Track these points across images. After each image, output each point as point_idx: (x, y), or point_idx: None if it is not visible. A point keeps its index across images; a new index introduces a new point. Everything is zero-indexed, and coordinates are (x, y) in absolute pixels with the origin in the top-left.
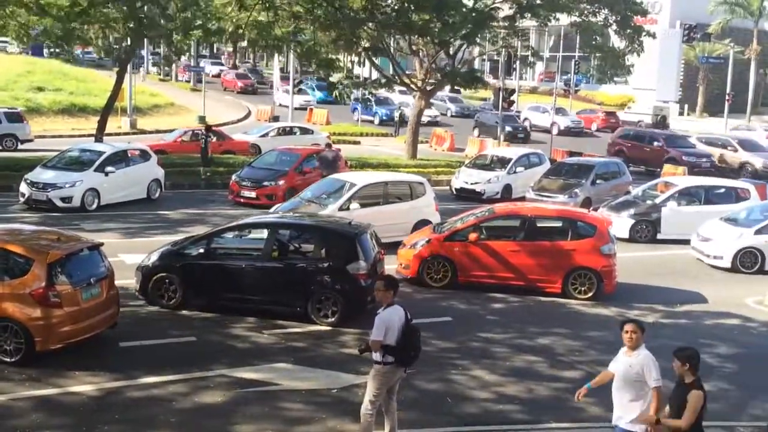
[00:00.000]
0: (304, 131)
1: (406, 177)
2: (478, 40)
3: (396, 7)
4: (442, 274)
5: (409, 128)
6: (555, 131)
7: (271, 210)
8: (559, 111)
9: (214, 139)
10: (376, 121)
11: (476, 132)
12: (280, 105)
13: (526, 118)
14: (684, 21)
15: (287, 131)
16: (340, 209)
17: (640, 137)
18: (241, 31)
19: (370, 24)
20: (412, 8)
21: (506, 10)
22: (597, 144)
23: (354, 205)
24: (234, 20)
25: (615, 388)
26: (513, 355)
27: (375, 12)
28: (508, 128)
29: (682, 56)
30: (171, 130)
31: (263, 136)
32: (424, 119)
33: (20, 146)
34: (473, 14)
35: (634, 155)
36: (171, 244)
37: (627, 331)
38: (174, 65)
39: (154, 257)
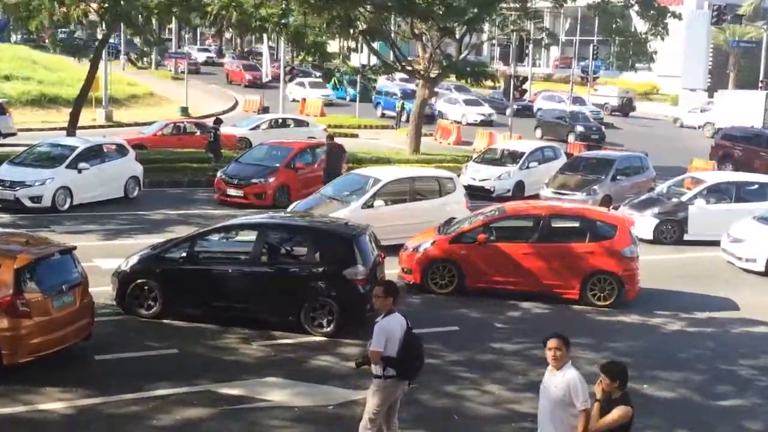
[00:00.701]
0: (299, 123)
1: (435, 172)
2: (484, 26)
3: None
4: (447, 280)
5: (412, 120)
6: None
7: (289, 209)
8: (576, 100)
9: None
10: (404, 117)
11: (538, 132)
12: (293, 100)
13: (539, 108)
14: (712, 2)
15: (280, 123)
16: (364, 207)
17: (755, 138)
18: (225, 12)
19: (367, 6)
20: None
21: None
22: (618, 136)
23: (378, 202)
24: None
25: (540, 413)
26: (527, 368)
27: None
28: (579, 128)
29: (711, 40)
30: (150, 123)
31: (254, 128)
32: (476, 118)
33: (2, 140)
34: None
35: (748, 160)
36: (150, 247)
37: (550, 348)
38: (154, 53)
39: (132, 262)
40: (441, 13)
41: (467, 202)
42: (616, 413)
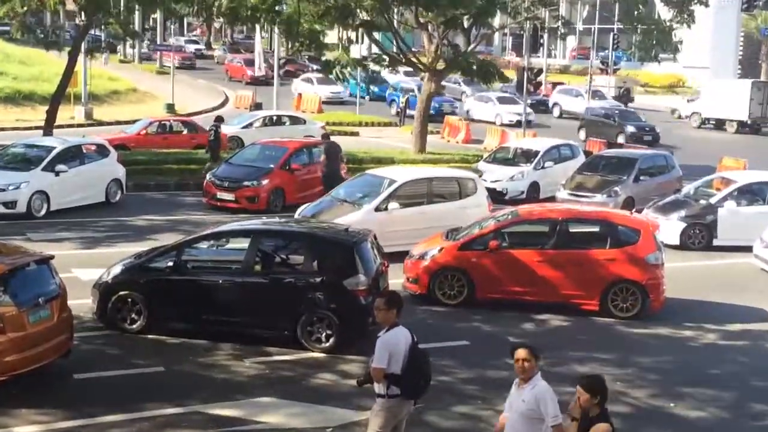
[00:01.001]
0: (295, 121)
1: (455, 173)
2: (494, 18)
3: None
4: (457, 290)
5: (417, 116)
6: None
7: (297, 212)
8: (596, 94)
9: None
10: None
11: (582, 134)
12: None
13: (555, 103)
14: None
15: (275, 121)
16: (377, 209)
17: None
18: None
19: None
20: None
21: None
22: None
23: (393, 204)
24: None
25: (507, 429)
26: None
27: None
28: (630, 128)
29: (741, 28)
30: (134, 121)
31: (246, 127)
32: (512, 119)
33: None
34: None
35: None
36: (134, 256)
37: (518, 360)
38: (137, 46)
39: (115, 272)
40: (446, 2)
41: (490, 205)
42: None
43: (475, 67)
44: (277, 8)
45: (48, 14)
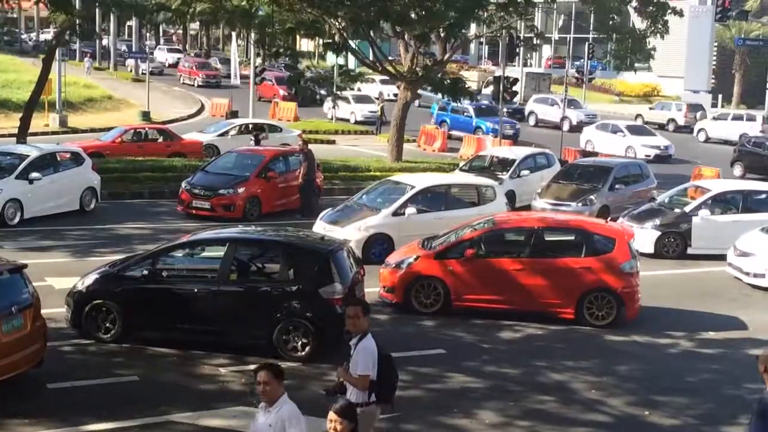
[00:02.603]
0: (272, 129)
1: (473, 180)
2: (469, 30)
3: None
4: (433, 298)
5: (393, 125)
6: (566, 127)
7: (319, 217)
8: (571, 103)
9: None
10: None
11: (737, 169)
12: (338, 119)
13: (531, 112)
14: None
15: (251, 129)
16: (394, 214)
17: None
18: (187, 7)
19: (340, 16)
20: None
21: None
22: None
23: (410, 209)
24: None
25: None
26: (521, 395)
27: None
28: None
29: (715, 38)
30: (109, 129)
31: (222, 135)
32: (649, 153)
33: None
34: (459, 2)
35: None
36: (109, 265)
37: (259, 383)
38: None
39: (89, 281)
40: (417, 18)
41: (514, 212)
42: None
43: (446, 83)
44: (253, 12)
45: (21, 21)
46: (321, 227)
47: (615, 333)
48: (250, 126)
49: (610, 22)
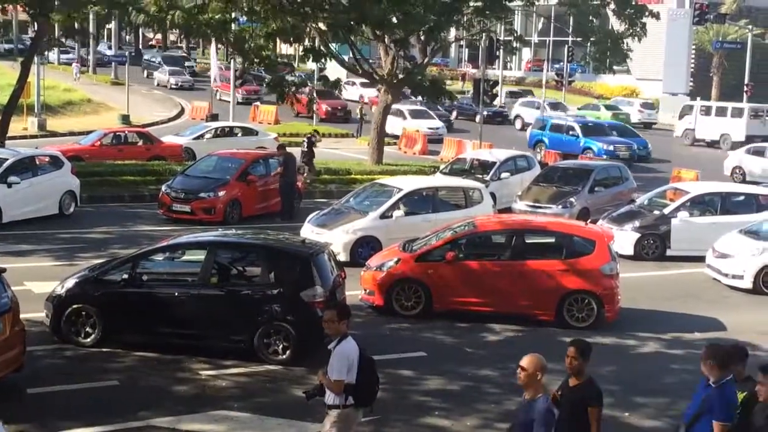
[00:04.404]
0: (248, 132)
1: (461, 182)
2: (447, 34)
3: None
4: (414, 301)
5: (374, 128)
6: None
7: (307, 220)
8: (557, 106)
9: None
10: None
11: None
12: (394, 137)
13: (517, 115)
14: (695, 0)
15: (227, 132)
16: (382, 217)
17: None
18: (164, 14)
19: (317, 21)
20: None
21: None
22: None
23: (398, 212)
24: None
25: None
26: (502, 397)
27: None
28: None
29: (693, 41)
30: (88, 132)
31: (197, 138)
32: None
33: None
34: (438, 6)
35: None
36: (88, 269)
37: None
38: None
39: (68, 285)
40: (396, 22)
41: (495, 214)
42: None
43: (426, 84)
44: (227, 26)
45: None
46: (309, 230)
47: (595, 335)
48: (226, 129)
49: (590, 25)
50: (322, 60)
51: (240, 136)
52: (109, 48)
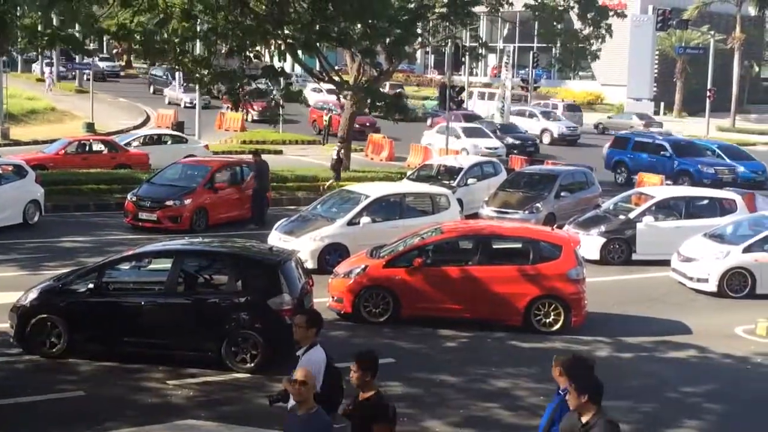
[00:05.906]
0: (177, 140)
1: (428, 189)
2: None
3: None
4: (382, 308)
5: (340, 135)
6: (547, 139)
7: (274, 228)
8: (550, 115)
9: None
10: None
11: None
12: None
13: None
14: (657, 6)
15: (155, 140)
16: (349, 224)
17: None
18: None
19: (277, 38)
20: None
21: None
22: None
23: (365, 219)
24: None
25: None
26: (468, 402)
27: (283, 19)
28: None
29: (657, 46)
30: (52, 141)
31: (126, 145)
32: None
33: None
34: (402, 16)
35: None
36: (53, 279)
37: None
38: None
39: (33, 295)
40: (360, 36)
41: (462, 220)
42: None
43: (385, 101)
44: (186, 47)
45: None
46: (276, 238)
47: (562, 339)
48: (155, 137)
49: (554, 29)
50: (280, 79)
51: (170, 144)
52: (101, 60)
